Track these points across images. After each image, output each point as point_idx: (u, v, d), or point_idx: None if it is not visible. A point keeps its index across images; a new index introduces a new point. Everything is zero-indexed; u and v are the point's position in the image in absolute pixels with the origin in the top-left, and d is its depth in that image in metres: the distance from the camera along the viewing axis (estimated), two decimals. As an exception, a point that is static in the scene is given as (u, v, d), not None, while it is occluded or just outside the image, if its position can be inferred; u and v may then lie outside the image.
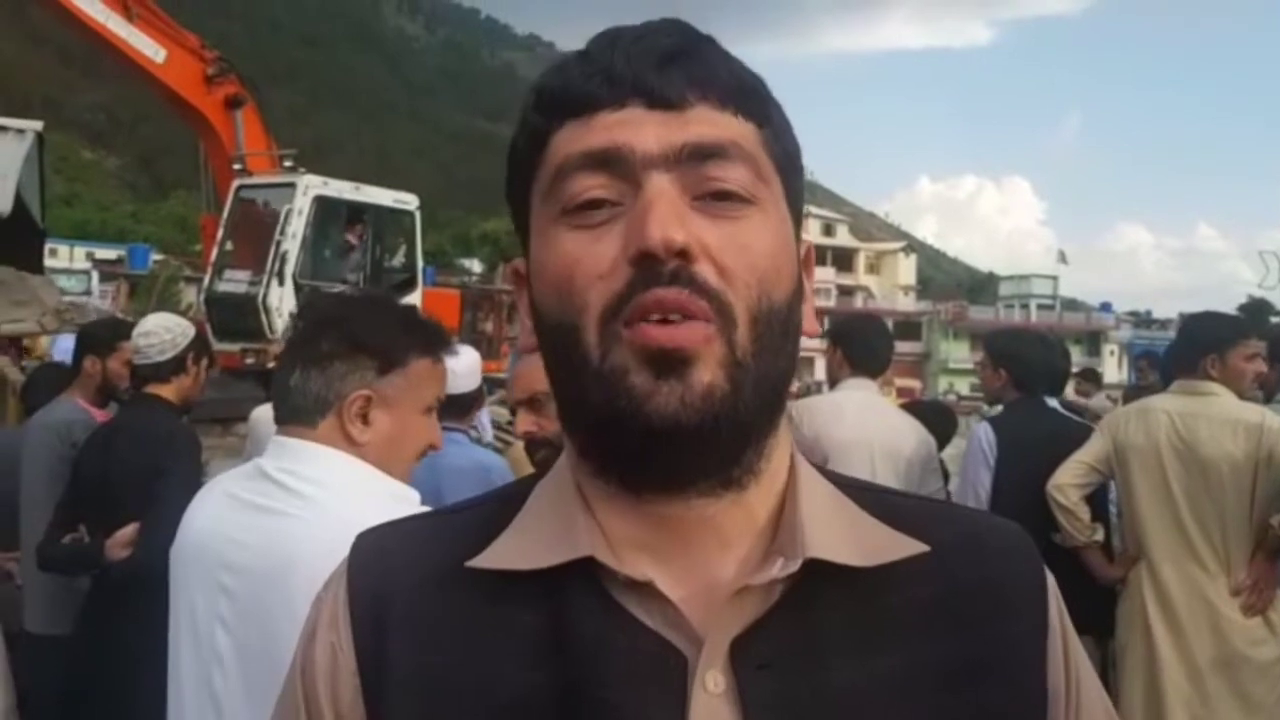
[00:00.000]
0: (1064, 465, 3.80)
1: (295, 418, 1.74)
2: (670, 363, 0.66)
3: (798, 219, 0.76)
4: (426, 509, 1.69)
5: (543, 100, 0.73)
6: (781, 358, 0.71)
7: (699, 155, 0.69)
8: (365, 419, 1.74)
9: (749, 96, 0.72)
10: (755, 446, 0.72)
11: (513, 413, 2.34)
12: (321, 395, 1.73)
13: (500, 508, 0.77)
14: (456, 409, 3.56)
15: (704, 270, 0.67)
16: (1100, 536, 3.83)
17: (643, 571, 0.69)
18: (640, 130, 0.69)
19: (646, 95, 0.69)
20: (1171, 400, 3.74)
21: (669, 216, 0.66)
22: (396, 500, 1.69)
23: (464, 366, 3.58)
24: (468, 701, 0.70)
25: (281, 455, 1.72)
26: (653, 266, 0.66)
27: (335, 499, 1.63)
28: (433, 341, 1.87)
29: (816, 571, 0.69)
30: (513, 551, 0.72)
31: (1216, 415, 3.63)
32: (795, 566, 0.68)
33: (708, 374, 0.66)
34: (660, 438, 0.67)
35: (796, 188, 0.75)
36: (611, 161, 0.69)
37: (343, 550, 1.51)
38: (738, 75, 0.73)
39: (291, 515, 1.62)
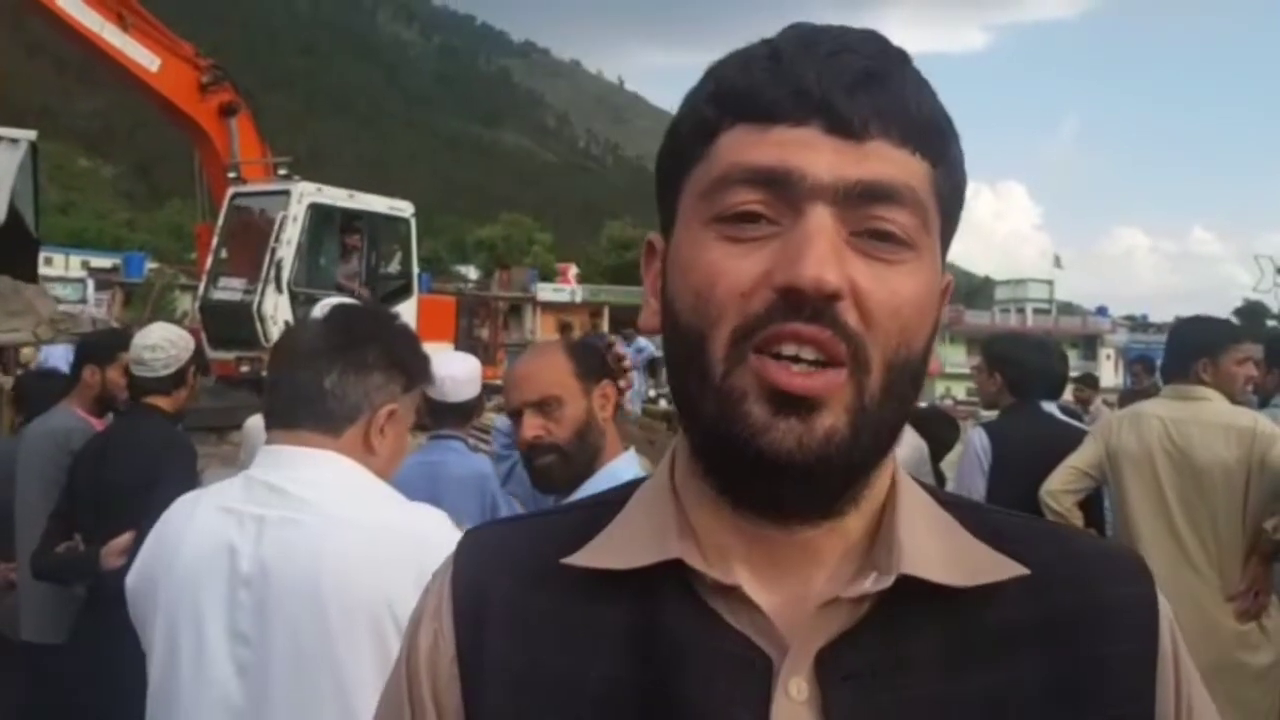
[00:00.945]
0: (1056, 471, 3.79)
1: (318, 422, 1.72)
2: (794, 403, 0.66)
3: (946, 253, 0.74)
4: (421, 504, 1.76)
5: (720, 94, 0.70)
6: (906, 404, 0.70)
7: (868, 195, 0.67)
8: (382, 431, 1.77)
9: (931, 133, 0.70)
10: (862, 481, 0.72)
11: (513, 416, 2.30)
12: (357, 402, 1.74)
13: (601, 510, 0.79)
14: (457, 416, 3.56)
15: (848, 312, 0.66)
16: None
17: (732, 577, 0.70)
18: (815, 156, 0.66)
19: (829, 119, 0.67)
20: (1164, 405, 3.74)
21: (826, 256, 0.65)
22: (402, 505, 1.71)
23: (465, 374, 3.57)
24: (557, 695, 0.72)
25: (279, 464, 1.70)
26: (798, 300, 0.65)
27: (347, 504, 1.64)
28: (430, 369, 1.93)
29: (910, 588, 0.69)
30: (606, 551, 0.74)
31: (1209, 420, 3.63)
32: (888, 583, 0.68)
33: (830, 418, 0.66)
34: (770, 471, 0.67)
35: (954, 224, 0.74)
36: (779, 182, 0.67)
37: (366, 554, 1.58)
38: (924, 109, 0.70)
39: (305, 522, 1.62)
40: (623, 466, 2.16)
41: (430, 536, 1.57)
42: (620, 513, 0.77)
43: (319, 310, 3.66)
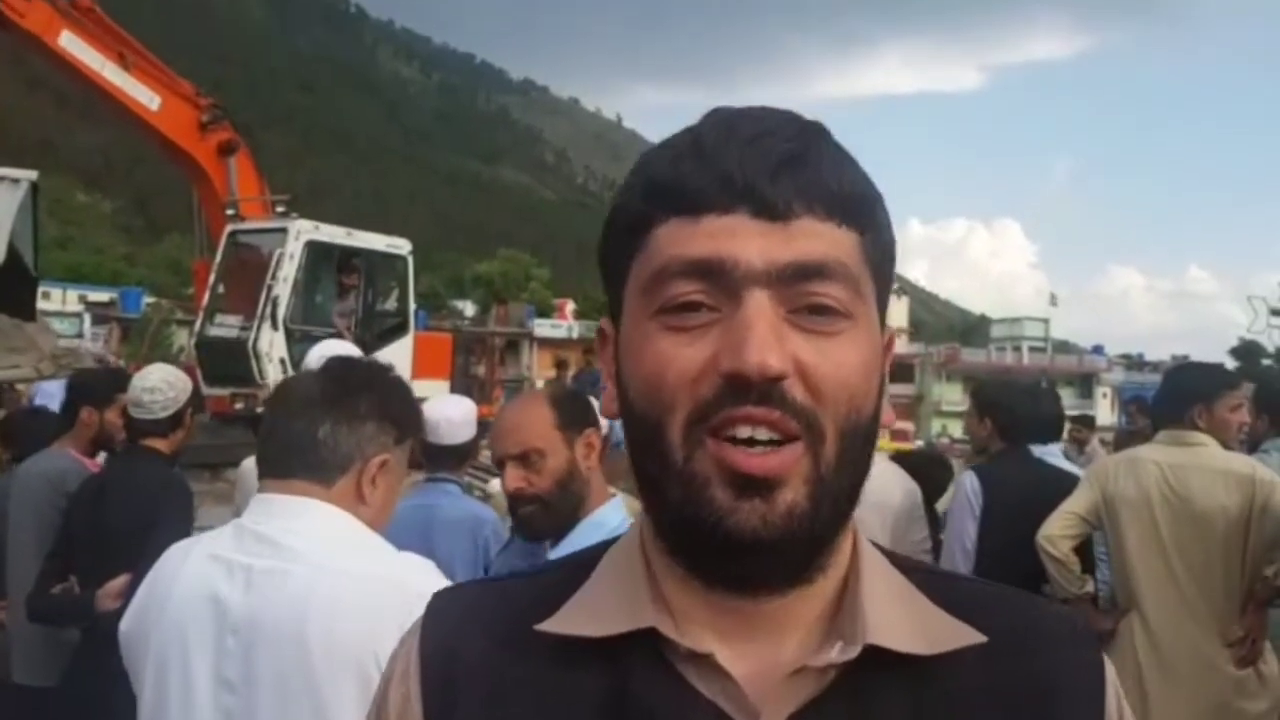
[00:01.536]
0: (1053, 516, 3.77)
1: (310, 472, 1.74)
2: (755, 484, 0.68)
3: (884, 314, 0.77)
4: (408, 554, 1.77)
5: (651, 189, 0.73)
6: (862, 468, 0.73)
7: (801, 274, 0.69)
8: (373, 482, 1.79)
9: (854, 204, 0.73)
10: (826, 549, 0.74)
11: (499, 465, 2.32)
12: (349, 452, 1.76)
13: (570, 574, 0.80)
14: (452, 458, 3.56)
15: (795, 389, 0.68)
16: (1091, 588, 3.80)
17: (704, 645, 0.72)
18: (745, 243, 0.69)
19: (756, 204, 0.70)
20: (1160, 450, 3.74)
21: (767, 340, 0.67)
22: (391, 555, 1.73)
23: (460, 416, 3.57)
24: None
25: (270, 514, 1.72)
26: (745, 386, 0.67)
27: (336, 555, 1.66)
28: (422, 420, 1.99)
29: (875, 656, 0.71)
30: (579, 618, 0.75)
31: (1207, 466, 3.63)
32: (854, 653, 0.70)
33: (791, 493, 0.69)
34: (737, 551, 0.69)
35: (888, 284, 0.76)
36: (714, 272, 0.69)
37: (354, 604, 1.60)
38: (845, 182, 0.73)
39: (293, 573, 1.63)
40: (609, 513, 2.18)
41: (418, 586, 1.55)
42: (591, 577, 0.78)
43: (315, 354, 3.70)
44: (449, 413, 3.56)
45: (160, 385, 3.51)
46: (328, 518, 1.72)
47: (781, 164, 0.70)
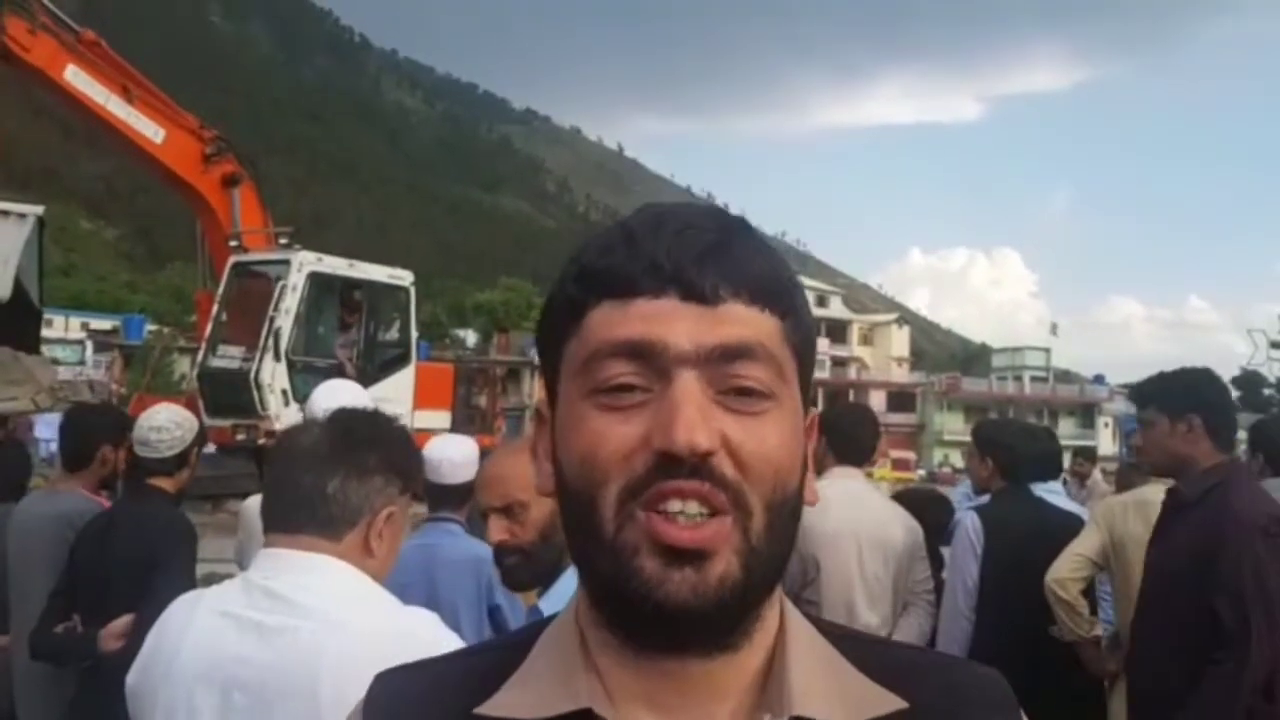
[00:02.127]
0: (1062, 558, 3.75)
1: (319, 527, 1.76)
2: (684, 555, 0.71)
3: (807, 395, 0.80)
4: (415, 608, 1.80)
5: (585, 275, 0.77)
6: (788, 537, 0.76)
7: (727, 356, 0.73)
8: (380, 535, 1.81)
9: (776, 291, 0.77)
10: (753, 617, 0.77)
11: (483, 517, 2.33)
12: (358, 505, 1.78)
13: (509, 655, 0.82)
14: (454, 499, 3.56)
15: (723, 464, 0.72)
16: (1099, 631, 3.76)
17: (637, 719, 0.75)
18: (674, 325, 0.73)
19: (683, 288, 0.73)
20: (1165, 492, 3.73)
21: (695, 419, 0.70)
22: (398, 609, 1.76)
23: (462, 456, 3.57)
24: None
25: (279, 569, 1.73)
26: (676, 463, 0.70)
27: (345, 611, 1.67)
28: (423, 471, 2.02)
29: None
30: (516, 701, 0.77)
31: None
32: None
33: (722, 564, 0.71)
34: (669, 620, 0.72)
35: (810, 367, 0.80)
36: (645, 354, 0.73)
37: (364, 660, 1.53)
38: (768, 270, 0.77)
39: (303, 629, 1.64)
40: None
41: (425, 638, 1.62)
42: (528, 657, 0.80)
43: (321, 393, 3.71)
44: (450, 453, 3.56)
45: (168, 425, 3.53)
46: (337, 573, 1.73)
47: (706, 251, 0.74)
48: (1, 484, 4.32)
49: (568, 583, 2.13)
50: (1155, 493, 3.74)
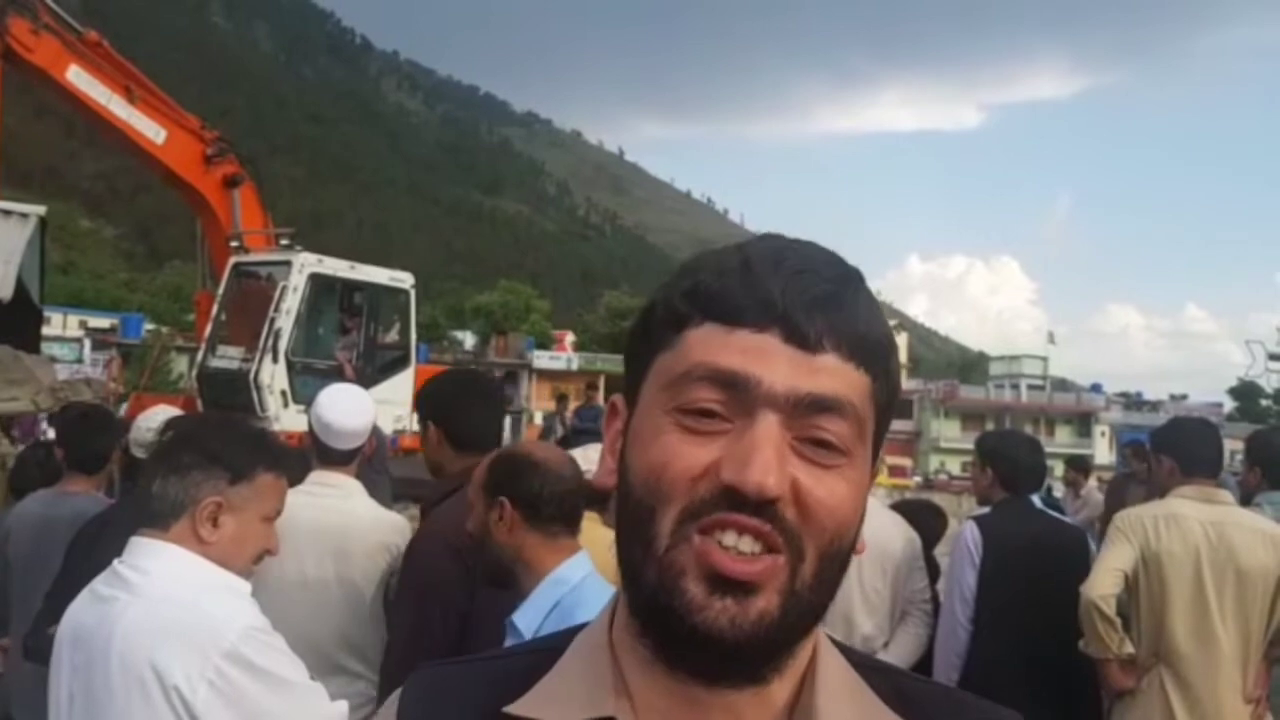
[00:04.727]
0: (1101, 574, 3.68)
1: (151, 521, 2.01)
2: (730, 585, 0.72)
3: (878, 452, 0.81)
4: (248, 598, 2.02)
5: (695, 292, 0.78)
6: (835, 588, 0.77)
7: (815, 407, 0.74)
8: (215, 522, 2.01)
9: (875, 351, 0.77)
10: (786, 655, 0.77)
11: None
12: (178, 500, 2.00)
13: (541, 658, 0.83)
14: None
15: (787, 510, 0.73)
16: (1131, 649, 3.68)
17: None
18: (772, 365, 0.73)
19: (788, 330, 0.74)
20: (1195, 507, 3.70)
21: (770, 463, 0.71)
22: (229, 590, 2.01)
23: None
24: None
25: (131, 552, 2.00)
26: (741, 499, 0.72)
27: (160, 585, 1.92)
28: (278, 459, 2.16)
29: None
30: (544, 703, 0.78)
31: (1244, 524, 3.66)
32: None
33: (764, 600, 0.72)
34: (703, 645, 0.73)
35: (886, 428, 0.81)
36: (738, 386, 0.73)
37: (147, 627, 1.86)
38: (873, 329, 0.78)
39: (123, 602, 1.91)
40: (569, 570, 2.18)
41: (205, 607, 1.91)
42: (559, 662, 0.82)
43: (324, 397, 3.70)
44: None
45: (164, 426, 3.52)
46: (168, 556, 1.98)
47: (819, 299, 0.75)
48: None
49: (543, 594, 2.16)
50: (1184, 506, 3.73)
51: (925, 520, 4.85)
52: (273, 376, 12.39)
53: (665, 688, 0.77)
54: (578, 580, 2.14)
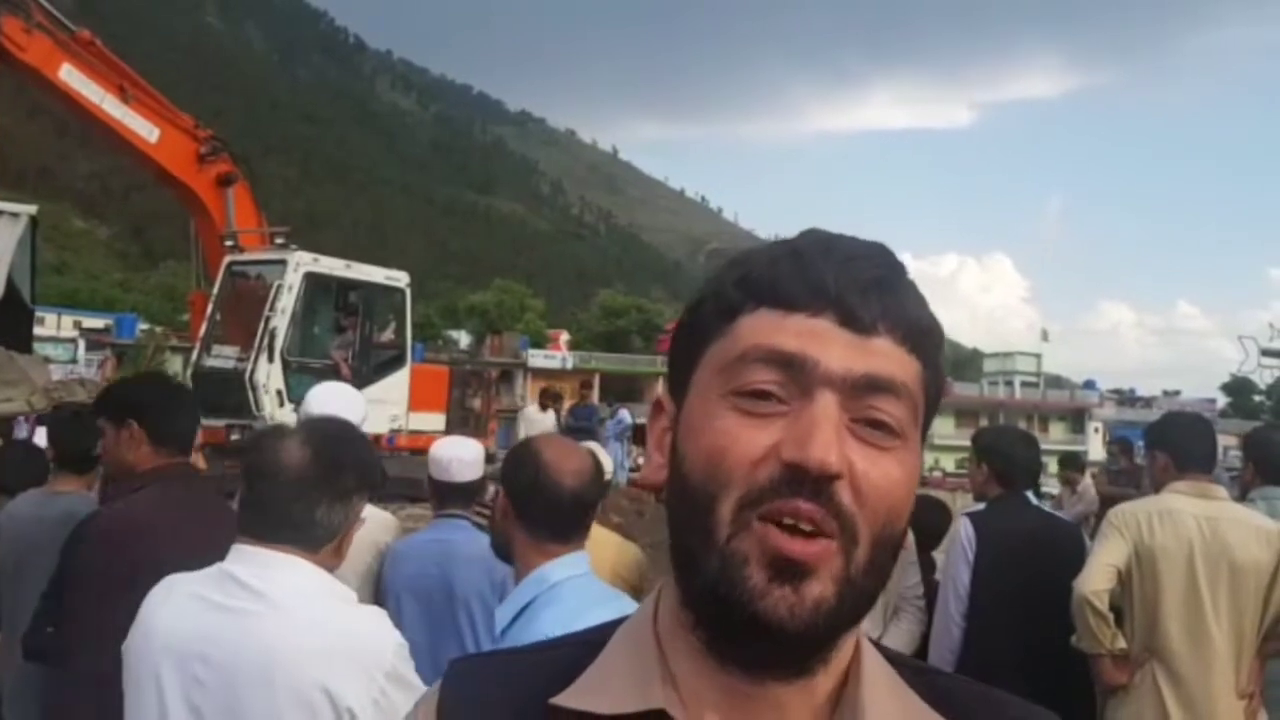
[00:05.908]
0: (1093, 569, 3.69)
1: (304, 545, 1.94)
2: (790, 570, 0.72)
3: (923, 443, 0.82)
4: (365, 606, 2.00)
5: (747, 280, 0.78)
6: (886, 575, 0.77)
7: (871, 387, 0.75)
8: (349, 536, 2.02)
9: (925, 337, 0.79)
10: (835, 645, 0.78)
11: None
12: (339, 525, 1.98)
13: (584, 650, 0.83)
14: (462, 497, 3.65)
15: (844, 492, 0.73)
16: (1123, 644, 3.69)
17: None
18: (828, 347, 0.74)
19: (843, 313, 0.75)
20: (1189, 502, 3.71)
21: (831, 440, 0.72)
22: (346, 602, 1.98)
23: (471, 456, 3.69)
24: None
25: (248, 562, 1.92)
26: (802, 477, 0.72)
27: (299, 602, 1.87)
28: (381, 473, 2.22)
29: None
30: (592, 694, 0.78)
31: (1239, 519, 3.67)
32: None
33: (819, 587, 0.73)
34: (760, 633, 0.73)
35: (933, 416, 0.82)
36: (794, 366, 0.74)
37: (308, 647, 1.81)
38: (922, 316, 0.79)
39: (259, 615, 1.85)
40: (551, 570, 2.17)
41: (360, 632, 1.88)
42: (603, 653, 0.82)
43: (315, 397, 3.72)
44: (460, 453, 3.68)
45: None
46: (299, 570, 1.92)
47: (872, 284, 0.76)
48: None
49: (521, 591, 2.16)
50: (1178, 501, 3.73)
51: (929, 516, 4.83)
52: (268, 376, 12.38)
53: (713, 680, 0.77)
54: (558, 580, 2.13)
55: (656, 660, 0.79)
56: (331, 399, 3.57)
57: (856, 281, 0.76)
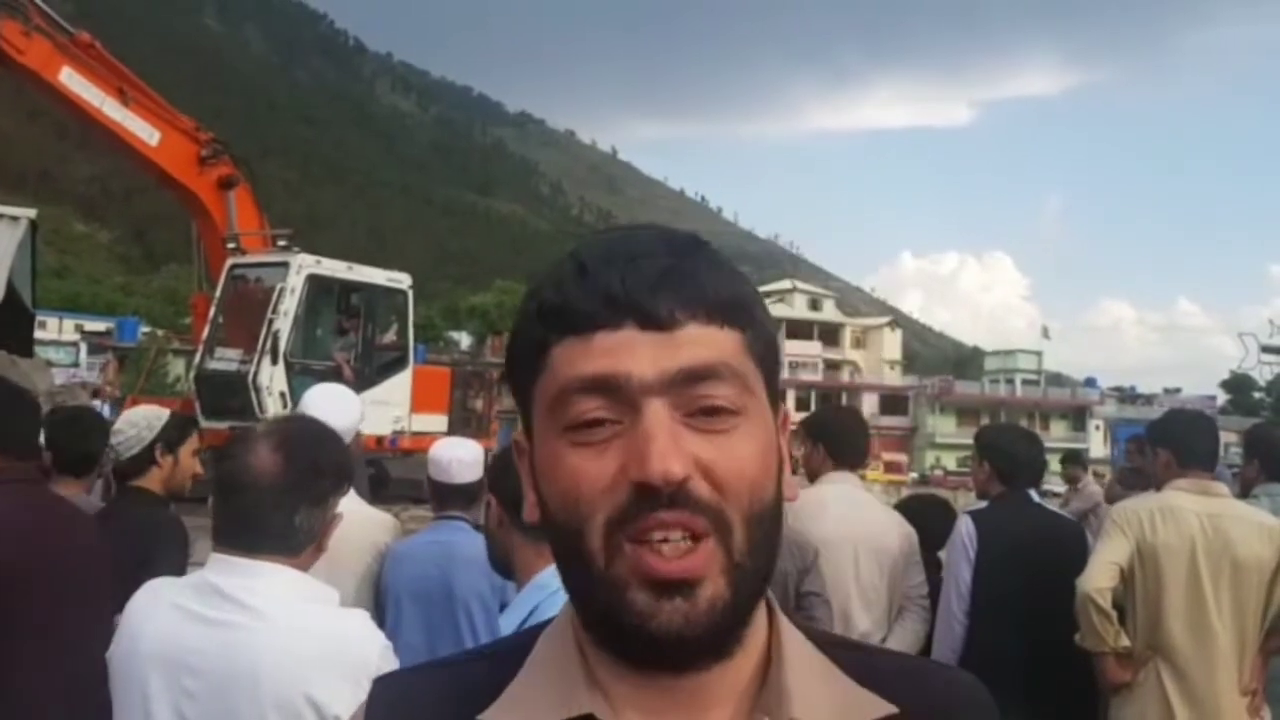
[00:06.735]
0: (1096, 567, 3.67)
1: (282, 551, 1.90)
2: (673, 586, 0.72)
3: (775, 398, 0.81)
4: (349, 609, 1.97)
5: (543, 313, 0.78)
6: (771, 546, 0.78)
7: (691, 378, 0.74)
8: (328, 534, 1.99)
9: (733, 306, 0.78)
10: (745, 627, 0.79)
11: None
12: (315, 528, 1.94)
13: (507, 660, 0.83)
14: (463, 498, 3.62)
15: (699, 488, 0.73)
16: (1126, 642, 3.67)
17: None
18: (636, 356, 0.74)
19: (641, 317, 0.75)
20: (1191, 499, 3.70)
21: (668, 448, 0.72)
22: (326, 603, 1.95)
23: (470, 457, 3.65)
24: None
25: (228, 572, 1.88)
26: (653, 493, 0.72)
27: (282, 610, 1.85)
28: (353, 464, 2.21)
29: None
30: (518, 707, 0.78)
31: (1241, 516, 3.66)
32: None
33: (710, 588, 0.73)
34: (662, 645, 0.74)
35: (775, 371, 0.81)
36: (611, 387, 0.74)
37: (296, 655, 1.79)
38: (723, 287, 0.78)
39: (243, 625, 1.82)
40: (550, 576, 2.18)
41: (349, 636, 1.87)
42: (527, 663, 0.82)
43: (313, 398, 3.71)
44: (460, 454, 3.64)
45: (123, 426, 3.52)
46: (282, 577, 1.89)
47: (660, 278, 0.76)
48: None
49: (525, 597, 2.17)
50: (1180, 499, 3.72)
51: (934, 516, 4.78)
52: (271, 378, 12.39)
53: (635, 682, 0.78)
54: (558, 585, 2.14)
55: (579, 665, 0.79)
56: (327, 400, 3.56)
57: (644, 279, 0.75)
